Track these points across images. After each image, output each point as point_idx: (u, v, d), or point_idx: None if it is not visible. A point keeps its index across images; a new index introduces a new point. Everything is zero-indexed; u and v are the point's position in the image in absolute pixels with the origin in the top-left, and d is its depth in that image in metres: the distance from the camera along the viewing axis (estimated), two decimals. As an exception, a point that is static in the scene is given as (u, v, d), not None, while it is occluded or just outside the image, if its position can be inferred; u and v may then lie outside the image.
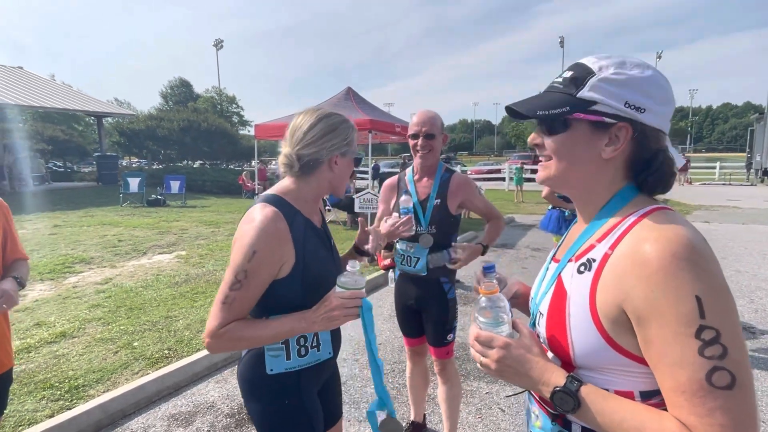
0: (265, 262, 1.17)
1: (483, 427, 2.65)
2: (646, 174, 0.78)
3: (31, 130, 24.60)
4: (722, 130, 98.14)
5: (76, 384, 3.04)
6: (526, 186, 15.82)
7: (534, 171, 24.13)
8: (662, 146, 0.78)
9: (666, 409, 0.66)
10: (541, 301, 0.85)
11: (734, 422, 0.60)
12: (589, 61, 0.79)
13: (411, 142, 2.15)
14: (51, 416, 2.65)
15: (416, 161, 2.18)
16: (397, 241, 2.26)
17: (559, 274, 0.82)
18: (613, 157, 0.78)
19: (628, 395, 0.72)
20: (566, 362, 0.77)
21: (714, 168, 24.10)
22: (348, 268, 1.17)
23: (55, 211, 11.62)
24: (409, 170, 2.30)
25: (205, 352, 3.42)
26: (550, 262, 0.92)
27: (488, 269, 0.88)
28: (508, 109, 0.85)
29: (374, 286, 5.59)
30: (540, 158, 0.86)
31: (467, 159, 56.18)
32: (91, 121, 34.19)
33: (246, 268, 1.15)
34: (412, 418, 2.59)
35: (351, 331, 4.22)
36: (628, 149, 0.78)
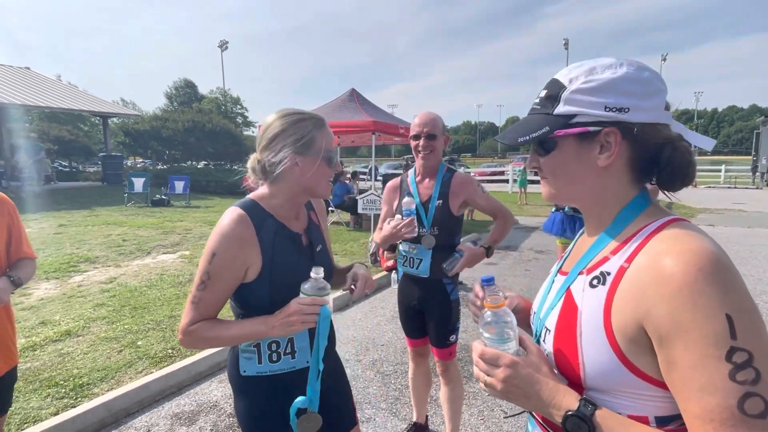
0: (226, 265, 1.18)
1: (485, 429, 2.64)
2: (657, 171, 0.75)
3: (37, 130, 24.79)
4: (728, 132, 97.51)
5: (80, 382, 3.07)
6: (530, 188, 15.77)
7: (535, 173, 23.99)
8: (668, 138, 0.74)
9: None
10: (547, 316, 0.80)
11: None
12: (561, 75, 0.77)
13: (413, 143, 2.16)
14: (56, 414, 2.67)
15: (418, 162, 2.19)
16: (400, 243, 2.26)
17: (569, 287, 0.78)
18: (611, 164, 0.75)
19: (642, 421, 0.67)
20: (574, 382, 0.72)
21: (719, 171, 23.96)
22: (312, 274, 1.13)
23: (60, 211, 11.70)
24: (411, 171, 2.31)
25: (208, 352, 3.44)
26: (555, 275, 0.87)
27: (488, 282, 0.83)
28: (498, 139, 0.85)
29: (377, 288, 5.59)
30: (541, 176, 0.84)
31: (470, 161, 56.10)
32: (97, 121, 34.38)
33: (208, 270, 1.18)
34: (414, 419, 2.59)
35: (354, 332, 4.22)
36: (626, 152, 0.75)
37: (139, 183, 13.83)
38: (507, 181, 20.99)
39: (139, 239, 7.93)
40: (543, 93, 0.79)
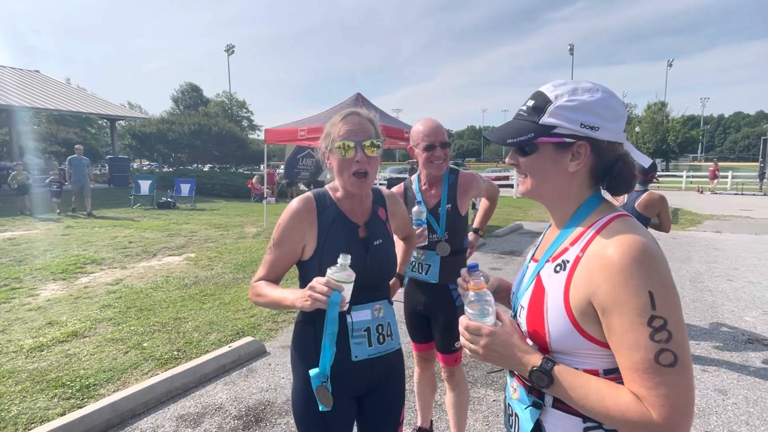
0: (286, 236, 1.36)
1: (490, 435, 2.63)
2: (609, 179, 0.94)
3: (46, 133, 25.05)
4: (734, 139, 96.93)
5: (87, 383, 3.09)
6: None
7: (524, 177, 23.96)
8: (621, 154, 0.92)
9: (623, 384, 0.80)
10: (522, 296, 0.98)
11: (676, 393, 0.74)
12: (547, 90, 0.92)
13: (424, 154, 2.08)
14: (62, 414, 2.69)
15: (427, 171, 2.14)
16: None
17: (539, 273, 0.95)
18: (577, 170, 0.92)
19: (594, 372, 0.85)
20: (543, 347, 0.90)
21: (726, 177, 23.81)
22: (339, 260, 1.18)
23: (68, 212, 11.81)
24: (414, 178, 2.28)
25: (213, 354, 3.45)
26: (529, 262, 1.05)
27: (473, 268, 0.99)
28: (485, 137, 1.01)
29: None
30: (518, 175, 1.01)
31: (475, 165, 56.04)
32: (104, 124, 34.71)
33: (274, 237, 1.38)
34: (419, 423, 2.58)
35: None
36: (590, 162, 0.92)
37: (145, 185, 13.95)
38: (512, 185, 20.95)
39: (145, 241, 7.98)
40: (531, 103, 0.94)
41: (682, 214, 12.89)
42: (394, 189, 2.34)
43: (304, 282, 1.35)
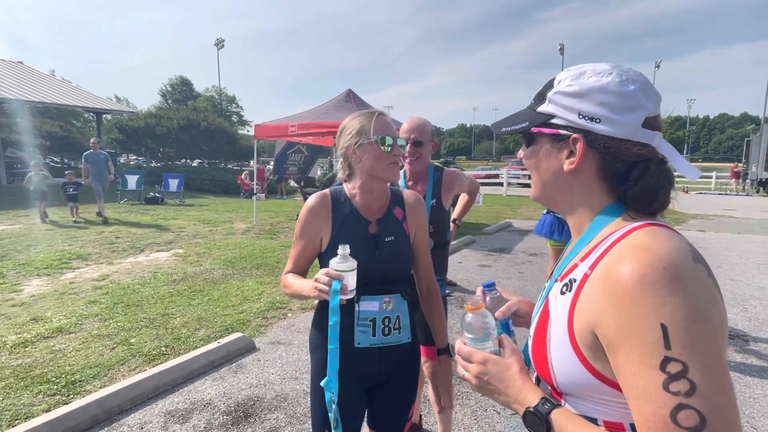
0: (304, 230, 1.45)
1: (478, 429, 2.66)
2: (625, 188, 0.72)
3: (30, 126, 24.52)
4: (719, 140, 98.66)
5: (72, 379, 3.05)
6: (524, 191, 15.88)
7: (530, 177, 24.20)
8: (642, 157, 0.71)
9: None
10: (534, 322, 0.81)
11: None
12: (559, 75, 0.78)
13: None
14: (47, 410, 2.66)
15: (406, 167, 2.24)
16: None
17: (547, 294, 0.79)
18: (578, 170, 0.75)
19: (618, 427, 0.66)
20: (552, 387, 0.74)
21: (710, 177, 24.26)
22: (338, 250, 1.21)
23: (52, 207, 11.59)
24: (401, 175, 2.33)
25: (201, 350, 3.43)
26: (548, 281, 0.87)
27: (488, 287, 0.89)
28: (490, 125, 0.92)
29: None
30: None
31: (465, 164, 56.25)
32: (90, 117, 34.06)
33: (296, 232, 1.48)
34: (408, 418, 2.60)
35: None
36: (595, 162, 0.74)
37: (132, 180, 13.74)
38: (501, 184, 21.09)
39: (133, 237, 7.88)
40: (540, 89, 0.81)
41: (668, 213, 13.04)
42: None
43: None
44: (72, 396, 2.86)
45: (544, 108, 0.77)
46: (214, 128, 26.64)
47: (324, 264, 1.42)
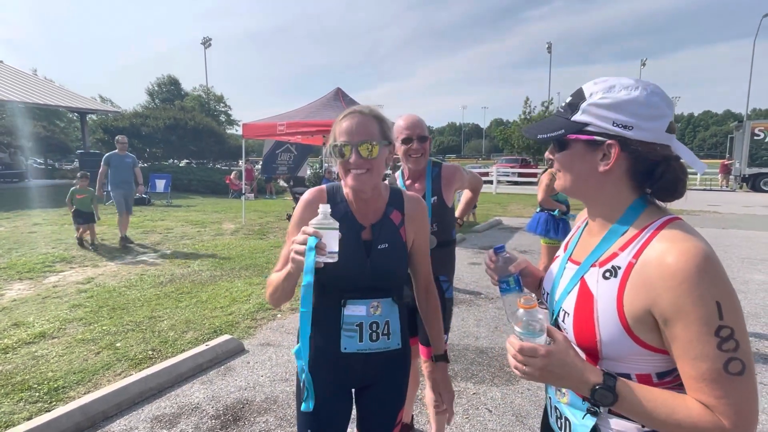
0: (296, 224, 1.36)
1: (470, 428, 2.65)
2: (650, 183, 0.89)
3: (11, 126, 23.98)
4: (703, 137, 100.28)
5: (55, 385, 2.97)
6: (513, 189, 15.96)
7: (521, 174, 24.42)
8: (664, 156, 0.87)
9: (682, 390, 0.80)
10: (563, 300, 0.95)
11: (746, 400, 0.75)
12: (586, 87, 0.90)
13: (402, 148, 2.08)
14: (29, 418, 2.58)
15: (407, 166, 2.14)
16: None
17: (582, 276, 0.92)
18: (609, 170, 0.88)
19: (647, 377, 0.85)
20: (592, 354, 0.88)
21: (695, 174, 24.68)
22: (319, 209, 1.12)
23: (35, 209, 11.34)
24: (398, 174, 2.26)
25: (189, 353, 3.37)
26: (566, 262, 1.02)
27: (499, 249, 1.03)
28: (523, 132, 1.03)
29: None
30: (556, 169, 0.99)
31: (455, 162, 56.39)
32: (74, 118, 33.43)
33: (290, 228, 1.41)
34: (399, 418, 2.58)
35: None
36: (624, 163, 0.88)
37: (118, 181, 13.47)
38: (491, 182, 21.18)
39: (118, 238, 7.72)
40: (568, 100, 0.93)
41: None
42: None
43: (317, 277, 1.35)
44: (54, 403, 2.78)
45: (579, 117, 0.89)
46: (202, 128, 26.33)
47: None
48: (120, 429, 2.60)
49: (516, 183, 23.00)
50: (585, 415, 0.90)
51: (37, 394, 2.87)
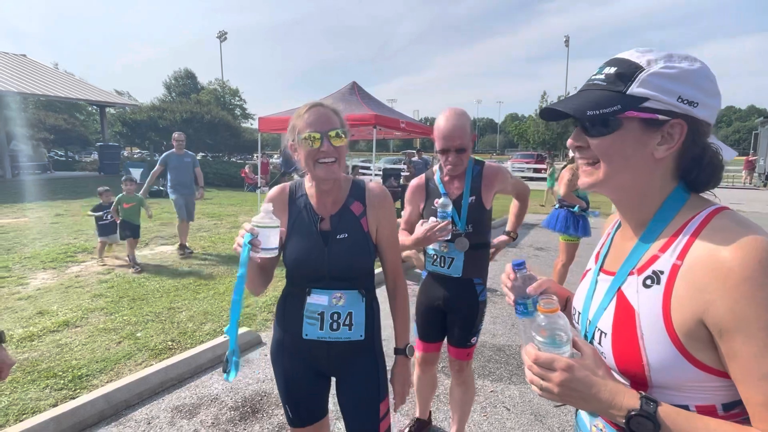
0: None
1: (488, 426, 2.63)
2: (698, 171, 0.74)
3: (34, 119, 24.55)
4: (725, 133, 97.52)
5: (79, 373, 3.03)
6: (528, 185, 15.67)
7: (536, 170, 24.06)
8: (708, 141, 0.75)
9: (747, 422, 0.64)
10: (599, 318, 0.79)
11: None
12: (633, 56, 0.73)
13: (441, 156, 1.99)
14: (54, 405, 2.64)
15: (446, 169, 2.04)
16: None
17: (619, 288, 0.77)
18: (665, 157, 0.73)
19: (711, 409, 0.69)
20: (639, 382, 0.72)
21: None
22: (261, 207, 1.21)
23: (57, 200, 11.61)
24: (436, 169, 2.16)
25: (208, 345, 3.41)
26: (597, 273, 0.86)
27: (518, 265, 0.87)
28: (545, 111, 0.79)
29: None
30: (581, 163, 0.80)
31: (469, 157, 55.74)
32: (94, 111, 34.06)
33: None
34: (416, 414, 2.57)
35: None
36: (681, 146, 0.73)
37: (136, 173, 13.72)
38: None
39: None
40: (611, 70, 0.74)
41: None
42: (414, 181, 2.22)
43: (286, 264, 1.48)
44: (79, 390, 2.84)
45: (637, 90, 0.71)
46: (218, 121, 26.60)
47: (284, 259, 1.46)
48: (142, 417, 2.65)
49: (530, 179, 22.74)
50: None
51: (62, 381, 2.94)
